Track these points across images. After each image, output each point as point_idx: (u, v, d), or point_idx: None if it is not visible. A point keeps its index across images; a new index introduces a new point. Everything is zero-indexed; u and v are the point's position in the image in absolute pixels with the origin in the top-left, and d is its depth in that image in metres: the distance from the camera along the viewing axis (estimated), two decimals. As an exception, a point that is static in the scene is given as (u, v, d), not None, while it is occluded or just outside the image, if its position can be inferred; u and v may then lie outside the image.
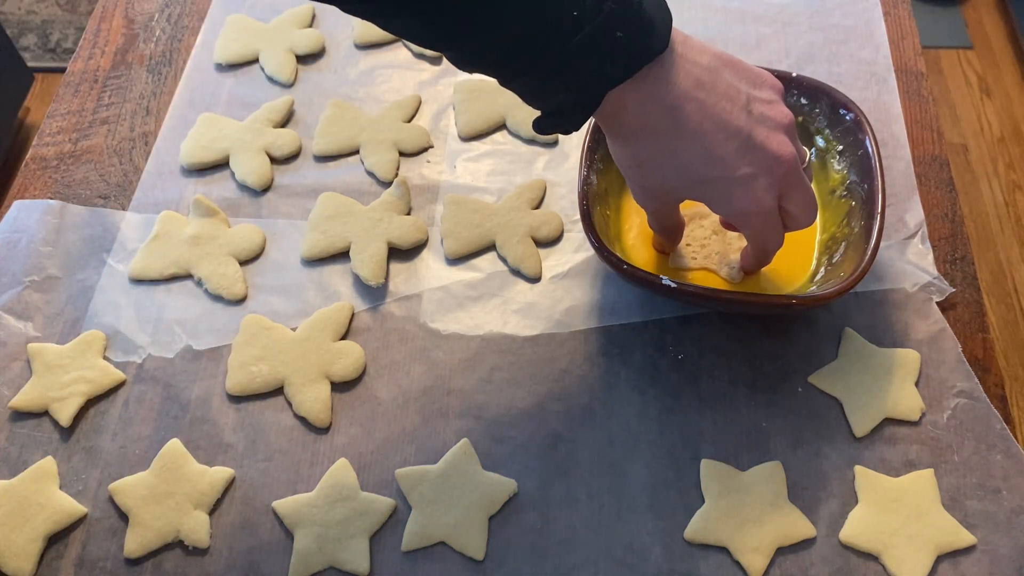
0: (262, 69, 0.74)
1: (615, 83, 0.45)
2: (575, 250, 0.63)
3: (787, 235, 0.61)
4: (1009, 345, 1.40)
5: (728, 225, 0.58)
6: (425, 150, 0.69)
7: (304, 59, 0.75)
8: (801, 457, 0.54)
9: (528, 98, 0.48)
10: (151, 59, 0.75)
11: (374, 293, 0.61)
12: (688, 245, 0.61)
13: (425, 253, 0.63)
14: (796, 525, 0.51)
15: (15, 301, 0.60)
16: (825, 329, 0.59)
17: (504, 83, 0.47)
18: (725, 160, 0.47)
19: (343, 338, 0.59)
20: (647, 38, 0.45)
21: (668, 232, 0.58)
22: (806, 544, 0.51)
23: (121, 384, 0.57)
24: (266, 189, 0.66)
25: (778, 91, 0.51)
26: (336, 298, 0.61)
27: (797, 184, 0.50)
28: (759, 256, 0.55)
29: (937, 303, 0.59)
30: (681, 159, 0.48)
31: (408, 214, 0.65)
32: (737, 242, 0.60)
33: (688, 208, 0.60)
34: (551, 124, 0.48)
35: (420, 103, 0.72)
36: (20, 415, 0.56)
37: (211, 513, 0.52)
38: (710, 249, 0.60)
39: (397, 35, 0.50)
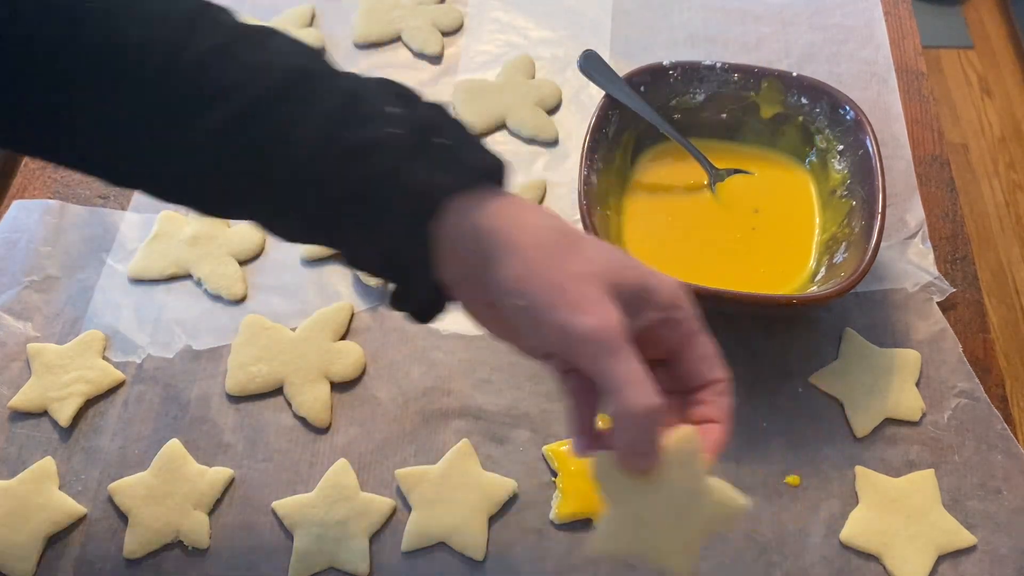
0: (262, 69, 0.74)
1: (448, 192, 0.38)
2: (575, 250, 0.63)
3: (786, 234, 0.62)
4: (1009, 345, 1.40)
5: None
6: (425, 150, 0.69)
7: (304, 59, 0.74)
8: (801, 457, 0.54)
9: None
10: (151, 59, 0.75)
11: (374, 293, 0.61)
12: None
13: (425, 253, 0.63)
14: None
15: (15, 301, 0.60)
16: (825, 329, 0.59)
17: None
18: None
19: (343, 338, 0.59)
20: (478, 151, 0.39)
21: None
22: (807, 544, 0.51)
23: (121, 384, 0.57)
24: (266, 189, 0.66)
25: None
26: (336, 298, 0.61)
27: None
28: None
29: (938, 303, 0.59)
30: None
31: (408, 214, 0.65)
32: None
33: None
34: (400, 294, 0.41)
35: (420, 103, 0.71)
36: (20, 415, 0.56)
37: (211, 513, 0.52)
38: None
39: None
